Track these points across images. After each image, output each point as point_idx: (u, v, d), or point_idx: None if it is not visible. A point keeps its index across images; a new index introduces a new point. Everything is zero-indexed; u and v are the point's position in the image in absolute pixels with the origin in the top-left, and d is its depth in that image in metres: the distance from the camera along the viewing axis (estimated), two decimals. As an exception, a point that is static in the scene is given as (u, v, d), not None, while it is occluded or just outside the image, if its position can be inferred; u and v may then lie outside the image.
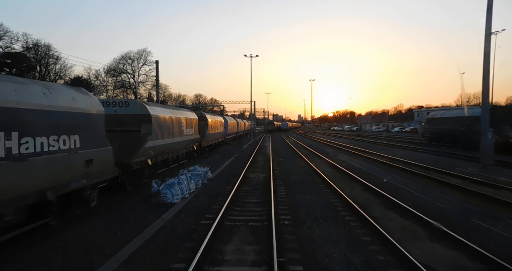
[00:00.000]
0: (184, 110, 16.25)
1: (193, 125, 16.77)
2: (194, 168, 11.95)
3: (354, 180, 12.71)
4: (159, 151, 11.73)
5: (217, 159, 19.76)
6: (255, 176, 14.15)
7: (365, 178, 12.57)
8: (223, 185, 11.81)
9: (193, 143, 17.18)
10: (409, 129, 66.71)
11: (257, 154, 24.00)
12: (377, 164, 17.37)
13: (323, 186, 11.63)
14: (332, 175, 13.84)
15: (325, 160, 19.28)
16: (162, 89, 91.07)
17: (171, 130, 13.01)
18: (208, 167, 12.71)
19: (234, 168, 16.62)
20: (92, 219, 7.15)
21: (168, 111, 12.91)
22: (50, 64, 54.58)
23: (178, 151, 14.60)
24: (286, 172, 15.15)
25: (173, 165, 14.27)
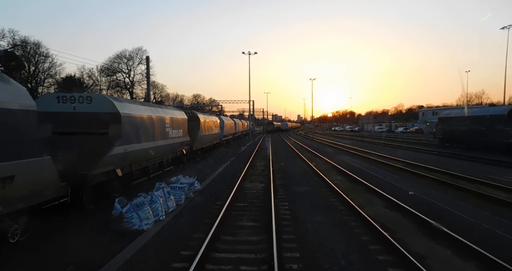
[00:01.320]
0: (170, 108, 14.08)
1: (181, 126, 14.59)
2: (177, 179, 9.77)
3: (371, 191, 10.52)
4: (134, 158, 9.55)
5: (210, 164, 17.57)
6: (252, 186, 11.96)
7: (384, 188, 10.39)
8: (212, 199, 9.63)
9: (181, 146, 15.00)
10: (414, 129, 64.55)
11: (256, 157, 21.83)
12: (393, 170, 15.17)
13: (336, 200, 9.44)
14: (343, 185, 11.66)
15: (332, 164, 17.11)
16: (159, 89, 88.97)
17: (151, 132, 10.83)
18: (195, 177, 10.50)
19: (228, 175, 14.44)
20: (9, 260, 4.99)
21: (147, 109, 10.72)
22: (40, 62, 52.33)
23: (162, 156, 12.41)
24: (288, 180, 12.97)
25: (155, 173, 12.08)
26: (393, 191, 10.25)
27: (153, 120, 11.02)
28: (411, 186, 11.31)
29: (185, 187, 8.99)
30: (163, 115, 12.13)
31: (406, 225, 7.13)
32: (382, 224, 6.92)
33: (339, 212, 8.18)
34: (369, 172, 14.68)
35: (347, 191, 10.38)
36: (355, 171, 14.79)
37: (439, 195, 9.81)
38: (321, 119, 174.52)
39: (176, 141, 13.74)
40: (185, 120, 15.44)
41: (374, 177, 13.38)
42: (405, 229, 6.80)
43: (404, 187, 11.05)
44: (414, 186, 11.31)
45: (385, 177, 13.16)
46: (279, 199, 9.54)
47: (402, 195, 9.85)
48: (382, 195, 9.72)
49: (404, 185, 11.48)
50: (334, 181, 12.33)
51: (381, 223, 6.96)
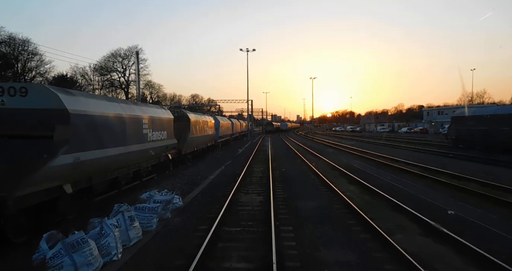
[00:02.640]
0: (151, 106, 11.91)
1: (165, 127, 12.44)
2: (150, 195, 7.62)
3: (396, 208, 8.36)
4: (95, 168, 7.39)
5: (201, 171, 15.40)
6: (248, 200, 9.81)
7: (412, 204, 8.23)
8: (195, 221, 7.48)
9: (166, 151, 12.84)
10: (419, 129, 62.40)
11: (254, 161, 19.68)
12: (413, 178, 13.00)
13: (355, 223, 7.28)
14: (359, 199, 9.51)
15: (339, 169, 14.96)
16: (155, 89, 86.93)
17: (121, 135, 8.67)
18: (173, 192, 8.29)
19: (221, 184, 12.29)
20: None
21: (114, 106, 8.54)
22: (29, 60, 50.05)
23: (139, 163, 10.26)
24: (291, 191, 10.82)
25: (130, 184, 9.92)
26: (425, 209, 8.10)
27: (124, 120, 8.86)
28: (445, 201, 9.15)
29: (158, 207, 6.82)
30: (139, 114, 9.97)
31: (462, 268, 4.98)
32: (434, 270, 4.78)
33: (363, 244, 6.03)
34: (385, 180, 12.53)
35: (366, 208, 8.25)
36: (369, 178, 12.64)
37: (491, 216, 7.65)
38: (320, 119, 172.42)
39: (158, 144, 11.58)
40: (171, 120, 13.28)
41: (393, 187, 11.23)
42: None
43: (437, 203, 8.89)
44: (449, 201, 9.15)
45: (407, 187, 11.00)
46: (281, 221, 7.38)
47: (439, 214, 7.70)
48: (412, 214, 7.56)
49: (435, 199, 9.31)
50: (347, 193, 10.20)
51: (430, 266, 4.82)
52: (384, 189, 10.30)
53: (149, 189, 9.36)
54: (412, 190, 10.63)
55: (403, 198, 9.23)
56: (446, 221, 7.11)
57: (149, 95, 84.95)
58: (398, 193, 10.11)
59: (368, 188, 10.80)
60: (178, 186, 11.47)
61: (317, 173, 14.18)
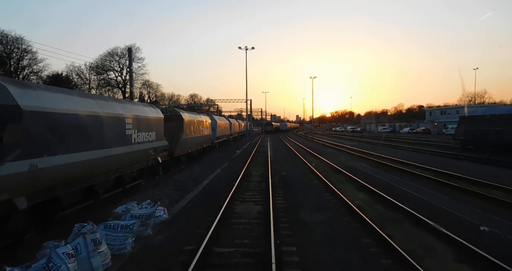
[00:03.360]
0: (137, 104, 10.70)
1: (154, 127, 11.25)
2: (126, 209, 6.44)
3: (418, 223, 7.16)
4: (60, 177, 6.19)
5: (195, 174, 14.20)
6: (244, 210, 8.62)
7: (437, 219, 7.05)
8: (181, 240, 6.28)
9: (155, 153, 11.65)
10: (421, 129, 61.25)
11: (252, 163, 18.49)
12: (429, 184, 11.76)
13: (371, 242, 6.08)
14: (371, 210, 8.32)
15: (345, 173, 13.78)
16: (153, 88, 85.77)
17: (98, 136, 7.49)
18: (155, 205, 7.06)
19: (215, 190, 11.11)
20: None
21: (87, 103, 7.32)
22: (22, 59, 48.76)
23: (122, 169, 9.07)
24: (293, 199, 9.63)
25: (110, 192, 8.73)
26: (452, 223, 6.92)
27: (101, 119, 7.67)
28: (473, 213, 7.95)
29: (134, 224, 5.62)
30: (121, 112, 8.77)
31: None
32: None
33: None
34: (396, 186, 11.35)
35: (381, 222, 7.08)
36: (378, 184, 11.48)
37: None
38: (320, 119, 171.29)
39: (145, 146, 10.39)
40: (160, 120, 12.09)
41: (408, 195, 10.05)
42: None
43: (464, 215, 7.69)
44: (477, 213, 7.94)
45: (425, 196, 9.79)
46: (282, 240, 6.19)
47: (470, 231, 6.51)
48: (438, 232, 6.38)
49: (461, 210, 8.11)
50: (356, 202, 9.02)
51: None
52: (398, 198, 9.12)
53: (130, 199, 8.18)
54: (431, 198, 9.44)
55: (422, 209, 8.04)
56: (481, 240, 5.92)
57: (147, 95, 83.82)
58: (416, 202, 8.92)
59: (379, 196, 9.62)
60: (167, 193, 10.28)
61: (320, 177, 13.01)
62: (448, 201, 9.09)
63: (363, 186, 11.31)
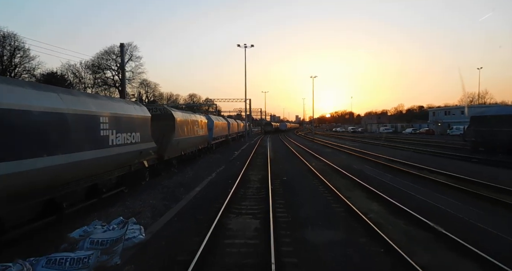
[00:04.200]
0: (116, 100, 9.34)
1: (138, 127, 9.91)
2: (85, 232, 5.08)
3: (455, 248, 5.82)
4: (5, 191, 4.84)
5: (186, 180, 12.85)
6: (240, 226, 7.27)
7: (475, 241, 5.73)
8: (157, 269, 4.94)
9: (140, 157, 10.32)
10: (424, 130, 59.94)
11: (251, 166, 17.16)
12: (450, 193, 10.38)
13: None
14: (392, 227, 6.97)
15: (351, 178, 12.44)
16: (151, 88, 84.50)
17: (60, 138, 6.15)
18: (125, 225, 5.68)
19: (207, 199, 9.77)
20: None
21: (48, 98, 5.97)
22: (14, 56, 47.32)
23: (96, 176, 7.73)
24: (297, 212, 8.29)
25: (80, 205, 7.38)
26: (498, 248, 5.59)
27: (66, 118, 6.32)
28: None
29: (90, 256, 4.26)
30: (94, 110, 7.42)
31: None
32: None
33: None
34: (413, 194, 10.00)
35: (406, 244, 5.77)
36: (391, 191, 10.16)
37: None
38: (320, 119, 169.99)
39: (126, 149, 9.05)
40: (147, 119, 10.74)
41: (430, 207, 8.70)
42: None
43: (507, 235, 6.35)
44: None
45: (451, 208, 8.41)
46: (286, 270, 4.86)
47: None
48: (483, 259, 5.04)
49: (501, 229, 6.77)
50: (370, 215, 7.71)
51: None
52: (420, 210, 7.78)
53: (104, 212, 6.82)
54: (459, 211, 8.08)
55: (454, 226, 6.70)
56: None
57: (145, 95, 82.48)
58: (443, 217, 7.57)
59: (396, 208, 8.27)
60: (151, 203, 8.93)
61: (325, 182, 11.68)
62: (481, 216, 7.74)
63: (374, 194, 9.98)
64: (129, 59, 70.53)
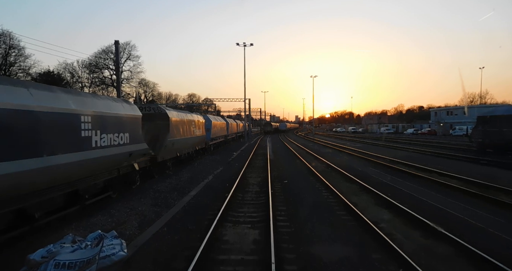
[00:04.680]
0: (101, 98, 8.51)
1: (127, 127, 9.12)
2: (50, 252, 4.28)
3: (487, 266, 5.06)
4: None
5: (181, 183, 12.06)
6: (237, 238, 6.49)
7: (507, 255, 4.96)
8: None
9: (130, 159, 9.53)
10: (426, 130, 59.15)
11: (250, 168, 16.38)
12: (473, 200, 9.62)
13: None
14: (409, 241, 6.19)
15: (358, 182, 11.66)
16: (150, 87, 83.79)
17: (31, 140, 5.37)
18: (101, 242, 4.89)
19: (201, 206, 8.99)
20: None
21: (15, 93, 5.19)
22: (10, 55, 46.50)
23: (78, 181, 6.94)
24: (301, 221, 7.50)
25: (60, 213, 6.60)
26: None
27: (38, 116, 5.54)
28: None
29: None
30: (73, 108, 6.64)
31: None
32: None
33: None
34: (427, 201, 9.21)
35: (429, 262, 5.00)
36: (402, 197, 9.39)
37: None
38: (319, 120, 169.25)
39: (113, 151, 8.26)
40: (137, 118, 9.95)
41: (447, 215, 7.91)
42: None
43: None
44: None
45: (470, 217, 7.63)
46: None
47: None
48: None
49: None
50: (382, 225, 6.95)
51: None
52: (437, 219, 7.00)
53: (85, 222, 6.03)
54: (480, 221, 7.29)
55: (476, 239, 5.92)
56: None
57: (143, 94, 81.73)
58: (462, 227, 6.81)
59: (410, 217, 7.46)
60: (139, 210, 8.14)
61: (329, 186, 10.90)
62: (505, 227, 6.96)
63: (384, 200, 9.19)
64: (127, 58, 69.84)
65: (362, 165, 17.64)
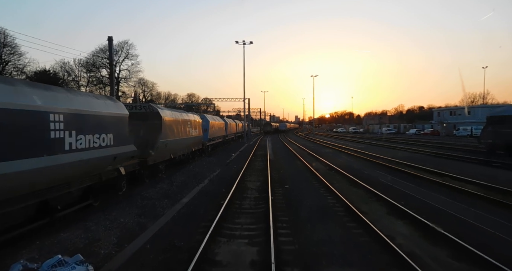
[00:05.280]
0: (78, 94, 7.47)
1: (111, 127, 8.13)
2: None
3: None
4: None
5: (173, 189, 11.06)
6: (231, 257, 5.52)
7: None
8: None
9: (114, 163, 8.55)
10: (429, 131, 58.13)
11: (249, 171, 15.40)
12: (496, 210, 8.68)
13: None
14: (436, 264, 5.20)
15: (366, 188, 10.69)
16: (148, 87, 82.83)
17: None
18: (69, 264, 3.94)
19: (193, 216, 8.01)
20: None
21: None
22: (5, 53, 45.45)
23: (43, 191, 5.95)
24: (307, 233, 6.52)
25: (24, 228, 5.61)
26: None
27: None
28: None
29: None
30: (39, 104, 5.65)
31: None
32: None
33: None
34: (446, 211, 8.22)
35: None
36: (417, 205, 8.42)
37: None
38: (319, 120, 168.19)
39: (93, 154, 7.28)
40: (123, 117, 8.96)
41: (473, 228, 6.92)
42: None
43: None
44: None
45: (499, 230, 6.68)
46: None
47: None
48: None
49: None
50: (400, 241, 6.00)
51: None
52: (462, 234, 6.02)
53: (53, 238, 5.04)
54: (509, 234, 6.33)
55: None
56: None
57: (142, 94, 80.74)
58: (497, 244, 5.82)
59: (431, 230, 6.48)
60: (121, 222, 7.16)
61: (335, 192, 9.93)
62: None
63: (397, 209, 8.21)
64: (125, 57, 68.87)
65: (367, 167, 16.65)
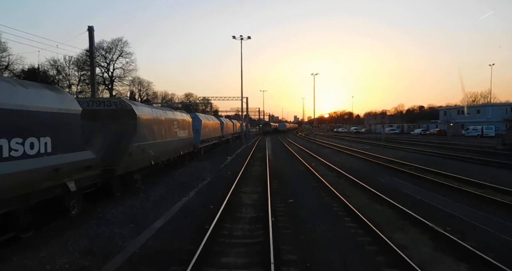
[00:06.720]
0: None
1: (49, 128, 5.84)
2: None
3: None
4: None
5: (148, 205, 8.73)
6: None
7: None
8: None
9: (57, 177, 6.23)
10: (435, 131, 55.81)
11: (245, 178, 13.09)
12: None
13: None
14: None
15: (382, 198, 8.40)
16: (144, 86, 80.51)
17: None
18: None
19: (166, 251, 5.68)
20: None
21: None
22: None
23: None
24: None
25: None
26: None
27: None
28: None
29: None
30: None
31: None
32: None
33: None
34: (479, 226, 5.97)
35: None
36: (444, 221, 6.12)
37: None
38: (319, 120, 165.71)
39: (12, 168, 4.96)
40: (72, 115, 6.64)
41: None
42: None
43: None
44: None
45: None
46: None
47: None
48: None
49: None
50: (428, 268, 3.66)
51: None
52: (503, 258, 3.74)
53: None
54: None
55: None
56: None
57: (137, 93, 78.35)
58: None
59: (466, 252, 4.21)
60: (49, 269, 4.84)
61: (353, 210, 7.63)
62: None
63: (446, 239, 5.93)
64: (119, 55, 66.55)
65: (381, 173, 14.35)
